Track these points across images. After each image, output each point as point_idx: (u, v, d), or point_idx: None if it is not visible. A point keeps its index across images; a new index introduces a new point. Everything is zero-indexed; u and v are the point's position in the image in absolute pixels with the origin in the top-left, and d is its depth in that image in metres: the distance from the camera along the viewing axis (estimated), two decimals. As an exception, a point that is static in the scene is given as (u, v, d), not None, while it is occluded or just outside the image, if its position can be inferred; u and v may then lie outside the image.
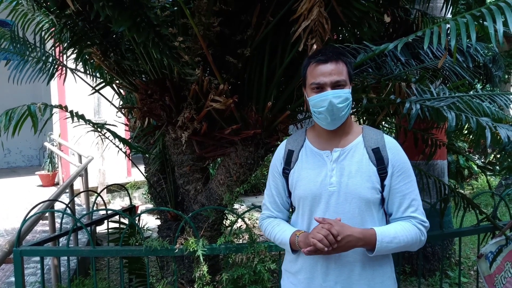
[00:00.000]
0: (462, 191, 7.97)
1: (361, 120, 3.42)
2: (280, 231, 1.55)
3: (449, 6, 3.42)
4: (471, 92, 2.82)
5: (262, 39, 2.37)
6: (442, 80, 3.42)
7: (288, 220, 1.65)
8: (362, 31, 2.72)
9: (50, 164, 7.48)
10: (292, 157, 1.57)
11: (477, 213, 2.85)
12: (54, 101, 7.11)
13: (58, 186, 7.32)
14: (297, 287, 1.55)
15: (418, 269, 3.14)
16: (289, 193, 1.60)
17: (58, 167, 7.31)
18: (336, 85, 1.43)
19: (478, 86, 3.27)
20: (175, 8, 2.09)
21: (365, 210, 1.46)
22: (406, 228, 1.43)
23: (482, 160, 7.03)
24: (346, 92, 1.44)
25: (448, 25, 1.73)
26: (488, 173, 6.78)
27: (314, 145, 1.55)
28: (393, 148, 1.49)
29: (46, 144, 7.08)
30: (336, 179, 1.46)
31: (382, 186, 1.46)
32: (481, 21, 1.72)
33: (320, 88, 1.44)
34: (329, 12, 2.21)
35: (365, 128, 1.56)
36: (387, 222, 1.52)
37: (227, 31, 2.33)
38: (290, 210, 1.66)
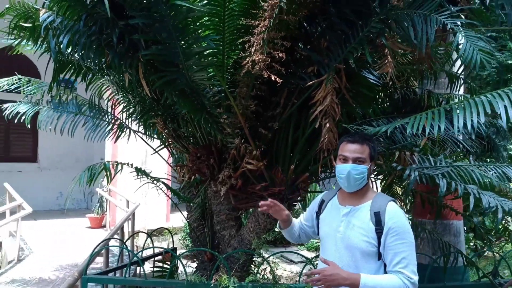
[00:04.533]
0: (492, 253, 7.94)
1: (376, 182, 3.92)
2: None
3: (453, 85, 3.99)
4: (471, 162, 3.28)
5: (288, 116, 3.01)
6: (450, 149, 3.88)
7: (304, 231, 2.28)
8: (373, 108, 3.32)
9: (99, 208, 8.28)
10: (323, 205, 2.13)
11: (478, 270, 3.21)
12: (108, 153, 8.02)
13: (105, 228, 8.05)
14: None
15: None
16: (317, 231, 2.16)
17: (106, 210, 8.07)
18: (356, 161, 1.94)
19: (471, 157, 3.71)
20: (222, 94, 2.78)
21: (360, 258, 1.89)
22: (391, 279, 1.80)
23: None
24: (363, 167, 1.93)
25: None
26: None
27: (339, 200, 2.07)
28: (391, 213, 1.86)
29: (98, 189, 7.90)
30: (343, 228, 1.95)
31: (379, 242, 1.86)
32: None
33: (344, 160, 1.97)
34: (342, 96, 2.84)
35: (378, 195, 1.99)
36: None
37: (260, 109, 2.99)
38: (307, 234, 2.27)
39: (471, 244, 7.26)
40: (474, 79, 11.67)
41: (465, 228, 6.30)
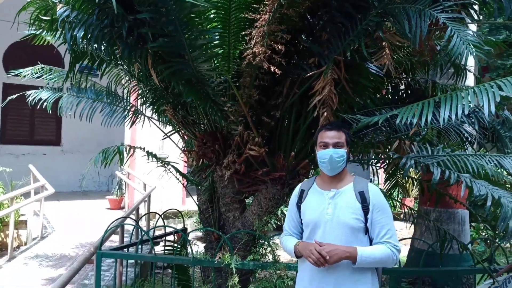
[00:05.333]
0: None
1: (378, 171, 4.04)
2: (288, 243, 2.23)
3: (459, 77, 4.04)
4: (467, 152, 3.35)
5: (290, 105, 3.15)
6: (454, 139, 3.95)
7: (300, 237, 2.26)
8: (372, 98, 3.42)
9: (118, 190, 8.65)
10: (303, 194, 2.26)
11: (473, 257, 3.32)
12: (127, 138, 8.33)
13: (124, 209, 8.41)
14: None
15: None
16: (301, 220, 2.26)
17: (125, 193, 8.43)
18: (336, 145, 2.12)
19: (469, 148, 3.77)
20: (226, 84, 2.94)
21: (350, 235, 2.06)
22: (381, 249, 2.03)
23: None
24: (343, 151, 2.12)
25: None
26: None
27: (319, 186, 2.22)
28: (373, 192, 2.10)
29: (117, 172, 8.26)
30: (331, 210, 2.10)
31: (366, 218, 2.07)
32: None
33: (325, 146, 2.14)
34: (342, 87, 2.96)
35: (356, 177, 2.20)
36: None
37: (263, 98, 3.14)
38: (301, 231, 2.29)
39: (483, 234, 7.28)
40: (498, 68, 11.44)
41: (478, 218, 6.34)
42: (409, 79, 3.91)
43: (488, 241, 6.50)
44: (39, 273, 5.04)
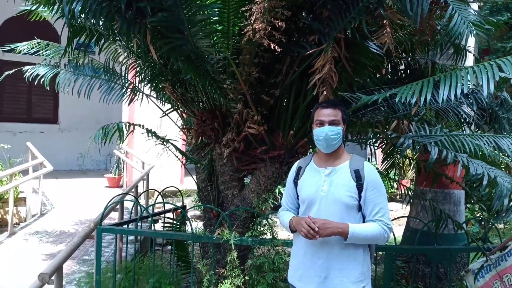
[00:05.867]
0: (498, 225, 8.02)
1: (376, 151, 4.06)
2: (285, 217, 2.27)
3: (458, 57, 4.02)
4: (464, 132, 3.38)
5: (290, 83, 3.14)
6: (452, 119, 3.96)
7: (296, 213, 2.30)
8: (372, 78, 3.41)
9: (117, 169, 8.68)
10: (300, 171, 2.29)
11: (468, 235, 3.38)
12: (125, 116, 8.30)
13: (122, 188, 8.46)
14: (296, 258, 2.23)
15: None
16: (298, 196, 2.29)
17: (123, 171, 8.46)
18: (332, 123, 2.13)
19: (467, 128, 3.79)
20: (226, 61, 2.92)
21: (344, 211, 2.11)
22: (373, 226, 2.07)
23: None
24: (338, 128, 2.14)
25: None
26: None
27: (316, 163, 2.25)
28: (368, 171, 2.13)
29: (115, 151, 8.27)
30: (326, 187, 2.14)
31: (360, 196, 2.10)
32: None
33: (321, 123, 2.16)
34: (342, 65, 2.94)
35: (353, 156, 2.23)
36: None
37: (263, 76, 3.12)
38: (298, 207, 2.32)
39: (478, 215, 7.37)
40: (498, 51, 11.37)
41: (473, 199, 6.41)
42: (409, 59, 3.90)
43: (482, 222, 6.59)
44: (40, 249, 5.11)
